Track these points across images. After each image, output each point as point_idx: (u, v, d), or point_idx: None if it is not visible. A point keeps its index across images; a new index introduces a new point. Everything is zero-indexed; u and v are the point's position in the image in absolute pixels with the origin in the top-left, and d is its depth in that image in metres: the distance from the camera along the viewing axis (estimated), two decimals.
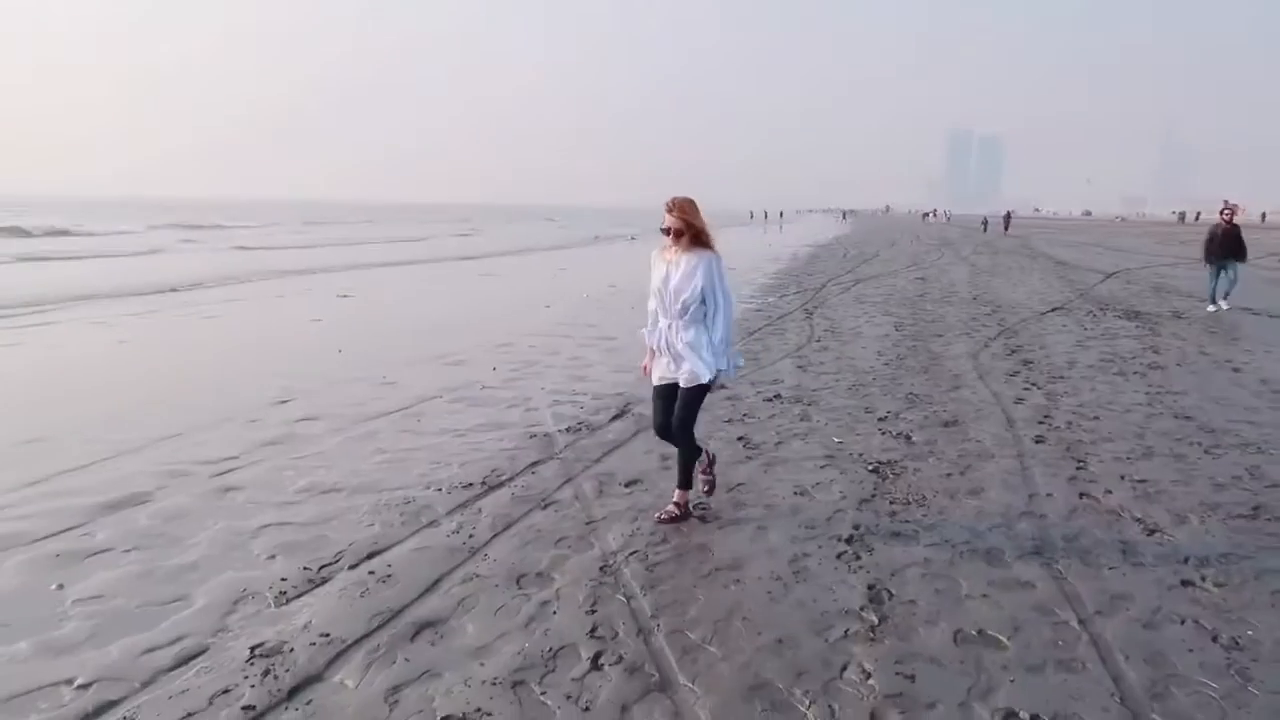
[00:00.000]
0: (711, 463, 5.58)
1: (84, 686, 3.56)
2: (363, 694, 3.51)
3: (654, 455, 6.71)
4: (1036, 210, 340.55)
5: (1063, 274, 25.18)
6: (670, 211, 5.00)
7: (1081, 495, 5.80)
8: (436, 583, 4.51)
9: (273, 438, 7.23)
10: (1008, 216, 69.13)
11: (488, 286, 22.26)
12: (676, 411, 5.15)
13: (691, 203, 5.02)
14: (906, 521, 5.35)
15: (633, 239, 50.94)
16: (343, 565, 4.73)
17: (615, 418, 7.95)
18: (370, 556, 4.84)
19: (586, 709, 3.40)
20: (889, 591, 4.40)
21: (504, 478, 6.20)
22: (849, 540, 5.05)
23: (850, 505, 5.62)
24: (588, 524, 5.32)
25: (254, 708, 3.39)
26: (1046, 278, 23.78)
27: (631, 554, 4.86)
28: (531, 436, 7.30)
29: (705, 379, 5.04)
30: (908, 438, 7.21)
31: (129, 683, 3.58)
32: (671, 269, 5.04)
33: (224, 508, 5.61)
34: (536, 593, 4.39)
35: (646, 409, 8.18)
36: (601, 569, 4.67)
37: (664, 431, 5.30)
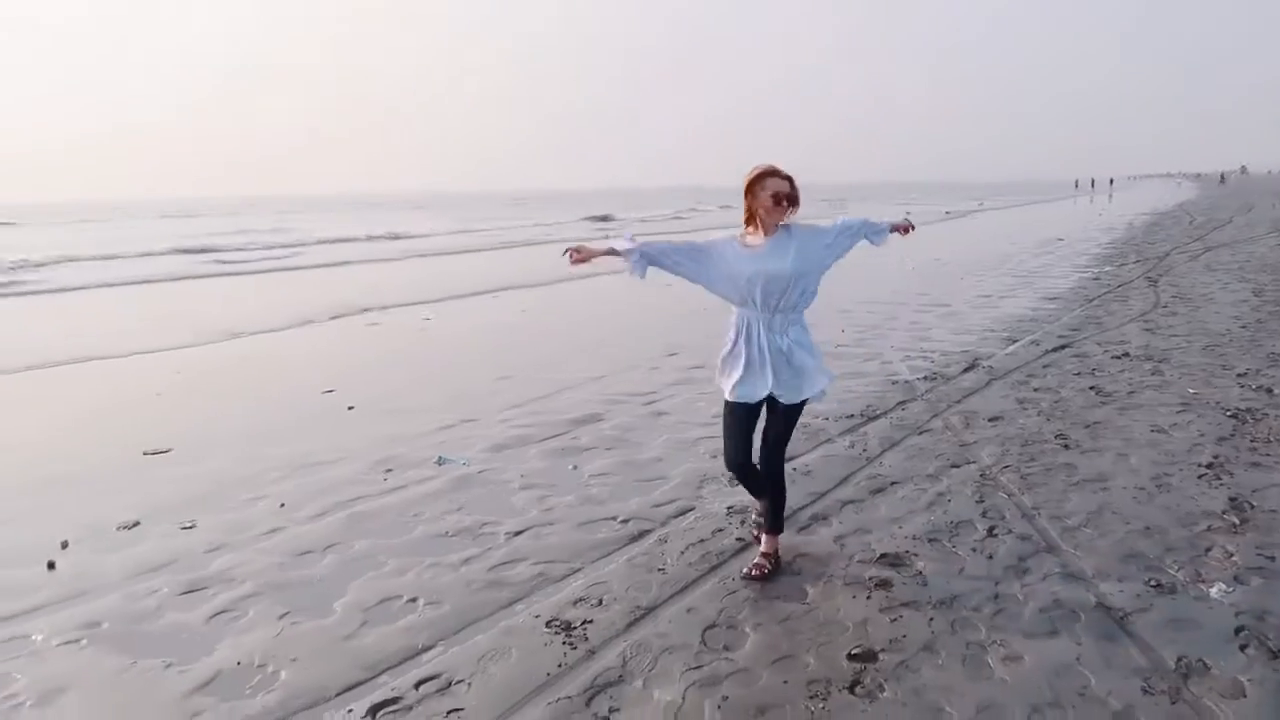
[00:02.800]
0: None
1: (624, 521, 5.20)
2: (817, 537, 4.84)
3: (1010, 399, 7.56)
4: None
5: None
6: (779, 176, 4.07)
7: None
8: (846, 478, 5.78)
9: (675, 380, 8.90)
10: None
11: None
12: (784, 435, 4.33)
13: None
14: (1268, 455, 5.86)
15: (947, 214, 49.80)
16: None
17: (966, 369, 8.83)
18: (788, 459, 6.20)
19: (990, 557, 4.50)
20: (1250, 503, 5.06)
21: (878, 412, 7.37)
22: (1209, 466, 5.68)
23: (1209, 441, 6.19)
24: (961, 446, 6.35)
25: (744, 540, 4.82)
26: None
27: (1005, 468, 5.84)
28: (893, 383, 8.40)
29: (824, 385, 4.26)
30: (1269, 390, 7.47)
31: (652, 521, 5.17)
32: (774, 249, 4.08)
33: (662, 425, 7.26)
34: (929, 487, 5.53)
35: (997, 363, 9.03)
36: (981, 476, 5.70)
37: (748, 468, 4.34)
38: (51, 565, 4.81)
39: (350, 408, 8.15)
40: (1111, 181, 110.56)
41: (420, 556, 4.79)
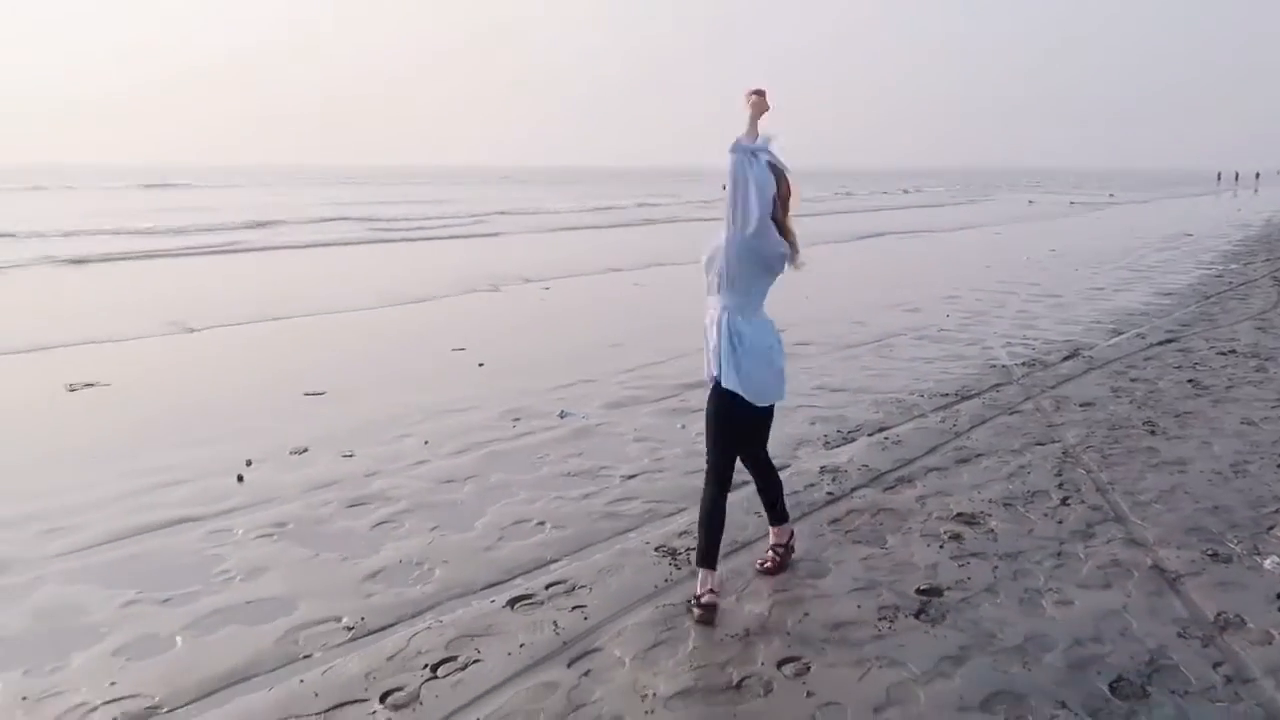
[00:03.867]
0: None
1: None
2: (901, 496, 5.34)
3: (1105, 387, 7.82)
4: None
5: None
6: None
7: None
8: (934, 448, 6.23)
9: None
10: None
11: (931, 248, 23.37)
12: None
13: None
14: None
15: (1072, 204, 48.27)
16: (862, 433, 6.63)
17: (1066, 358, 9.07)
18: (880, 430, 6.69)
19: (1060, 523, 4.92)
20: None
21: (972, 392, 7.74)
22: None
23: None
24: (1049, 427, 6.71)
25: (833, 495, 5.37)
26: None
27: (1088, 448, 6.19)
28: (991, 366, 8.73)
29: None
30: None
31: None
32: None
33: None
34: (1012, 460, 5.94)
35: (1098, 354, 9.24)
36: (1063, 454, 6.07)
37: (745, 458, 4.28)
38: (240, 478, 5.72)
39: (480, 364, 8.99)
40: (1258, 176, 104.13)
41: (546, 490, 5.50)
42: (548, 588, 4.23)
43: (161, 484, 5.63)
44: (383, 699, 3.34)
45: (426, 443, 6.44)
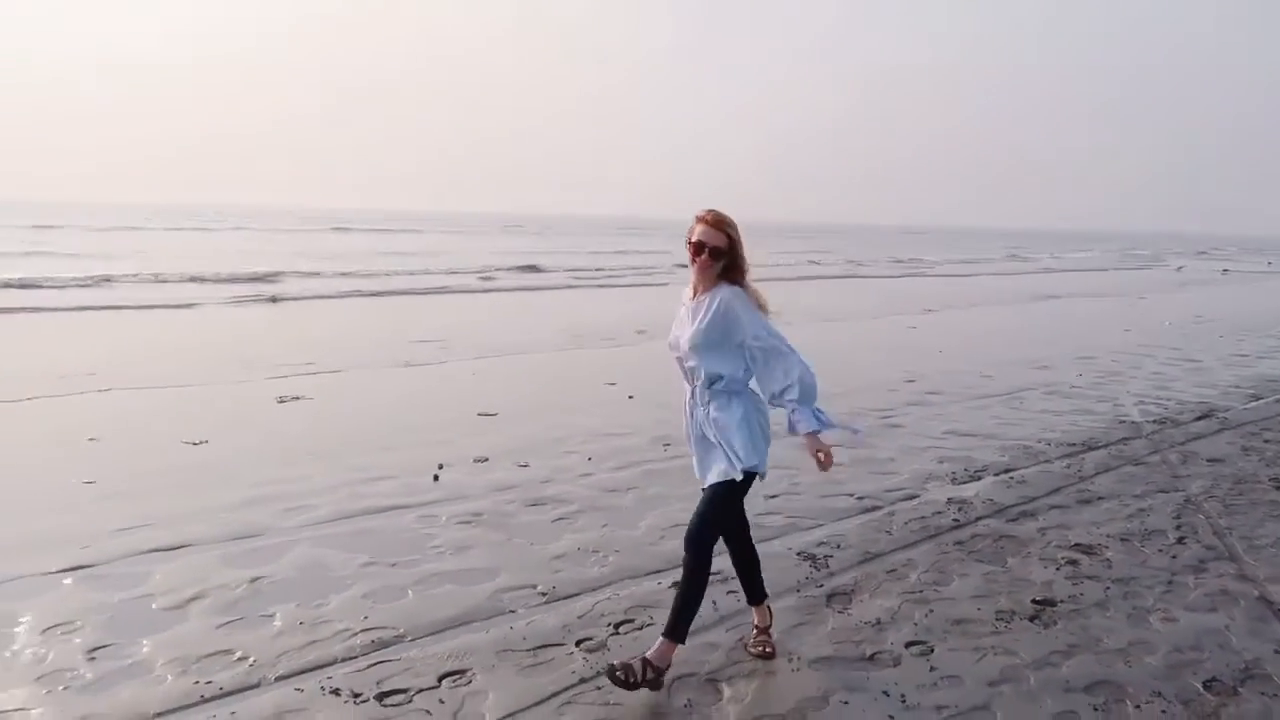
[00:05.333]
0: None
1: (860, 498, 6.42)
2: (1023, 526, 5.85)
3: (1236, 446, 8.04)
4: None
5: None
6: (705, 223, 3.59)
7: None
8: (1057, 489, 6.68)
9: (910, 401, 9.94)
10: None
11: (1070, 310, 23.21)
12: (701, 511, 3.75)
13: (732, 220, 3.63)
14: None
15: (1225, 272, 46.31)
16: (988, 472, 7.12)
17: (1199, 418, 9.26)
18: (1006, 471, 7.16)
19: (1174, 558, 5.34)
20: None
21: (1099, 444, 8.09)
22: None
23: None
24: (1174, 477, 7.04)
25: (959, 521, 5.92)
26: None
27: (1210, 497, 6.51)
28: (1120, 422, 9.02)
29: (732, 475, 3.65)
30: None
31: (882, 501, 6.35)
32: (692, 314, 3.69)
33: (898, 434, 8.38)
34: (1133, 504, 6.33)
35: (1233, 415, 9.38)
36: (1185, 501, 6.42)
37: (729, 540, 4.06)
38: (435, 478, 6.70)
39: (630, 397, 9.86)
40: None
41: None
42: None
43: (370, 479, 6.66)
44: (577, 644, 4.13)
45: (590, 459, 7.30)
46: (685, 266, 3.81)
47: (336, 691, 3.68)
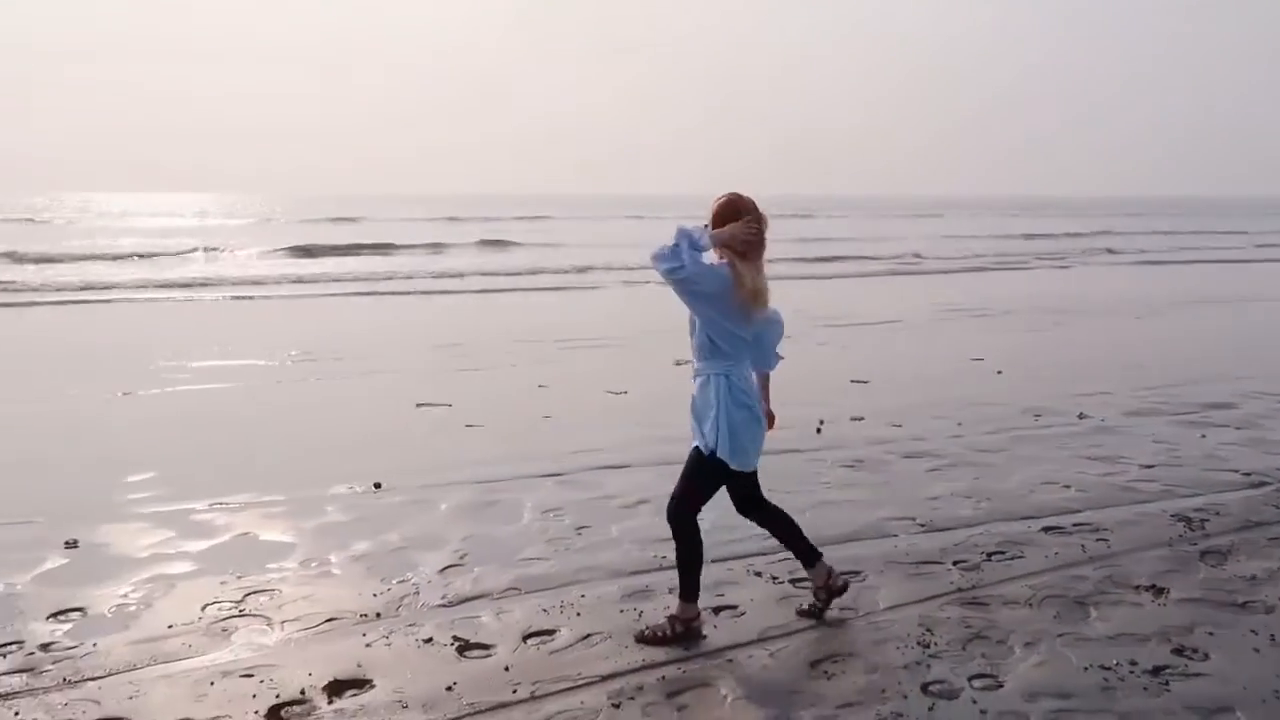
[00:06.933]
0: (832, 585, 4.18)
1: (1246, 474, 6.39)
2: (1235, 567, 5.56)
3: None
4: None
5: None
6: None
7: None
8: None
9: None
10: None
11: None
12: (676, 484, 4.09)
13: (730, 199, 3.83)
14: None
15: None
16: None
17: None
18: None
19: None
20: None
21: None
22: None
23: None
24: None
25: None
26: None
27: None
28: None
29: (694, 443, 4.00)
30: None
31: (1273, 479, 6.27)
32: None
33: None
34: None
35: None
36: None
37: (742, 507, 4.22)
38: (818, 430, 7.62)
39: (998, 372, 10.15)
40: None
41: (1069, 466, 6.59)
42: (1074, 526, 5.40)
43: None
44: (954, 563, 4.83)
45: (960, 424, 7.84)
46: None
47: (759, 574, 4.73)
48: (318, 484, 6.20)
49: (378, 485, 6.16)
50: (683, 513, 3.99)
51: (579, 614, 4.22)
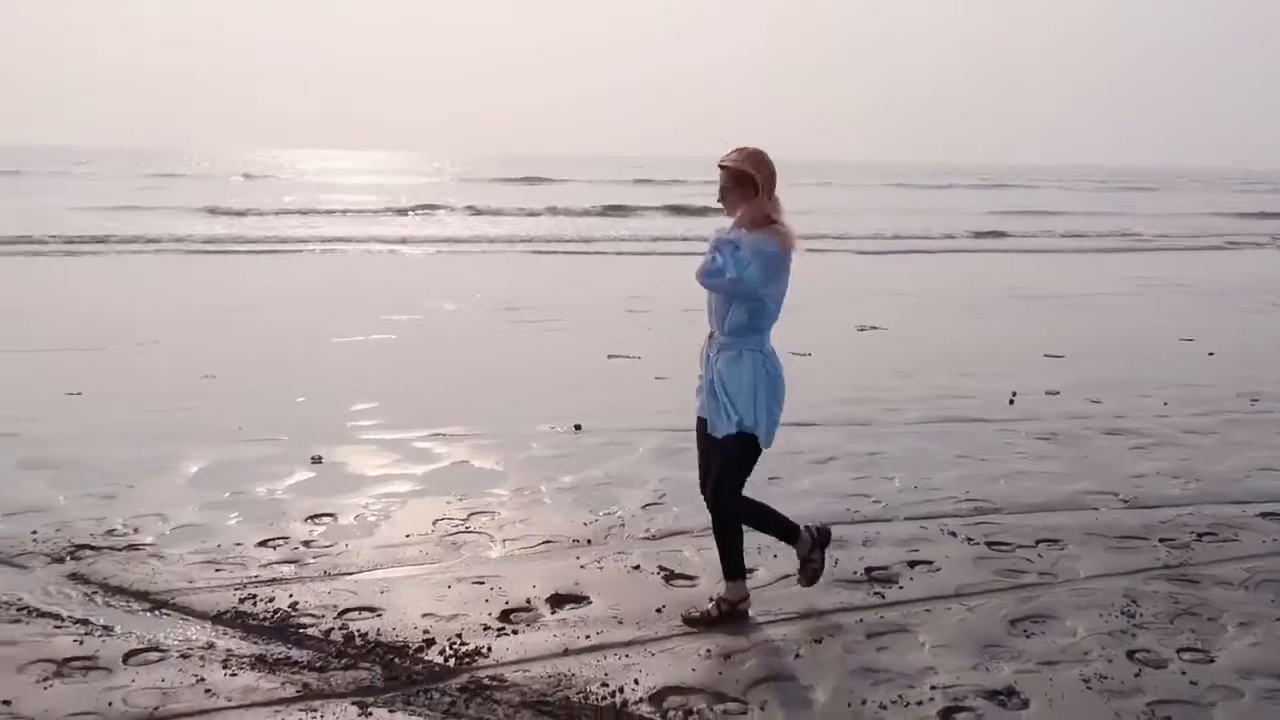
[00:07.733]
0: (817, 544, 3.92)
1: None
2: None
3: None
4: None
5: None
6: (724, 166, 3.61)
7: None
8: None
9: None
10: None
11: None
12: (717, 470, 3.71)
13: (755, 155, 3.56)
14: None
15: None
16: None
17: None
18: None
19: None
20: None
21: None
22: None
23: None
24: None
25: None
26: None
27: None
28: None
29: (724, 431, 3.62)
30: None
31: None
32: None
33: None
34: None
35: None
36: None
37: (702, 487, 3.90)
38: (1011, 401, 7.46)
39: (1210, 354, 9.57)
40: None
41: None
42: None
43: (951, 396, 7.67)
44: (1160, 540, 4.71)
45: (1165, 404, 7.49)
46: None
47: (953, 534, 4.77)
48: (523, 422, 6.65)
49: (578, 426, 6.55)
50: (734, 499, 3.73)
51: (775, 556, 4.40)
